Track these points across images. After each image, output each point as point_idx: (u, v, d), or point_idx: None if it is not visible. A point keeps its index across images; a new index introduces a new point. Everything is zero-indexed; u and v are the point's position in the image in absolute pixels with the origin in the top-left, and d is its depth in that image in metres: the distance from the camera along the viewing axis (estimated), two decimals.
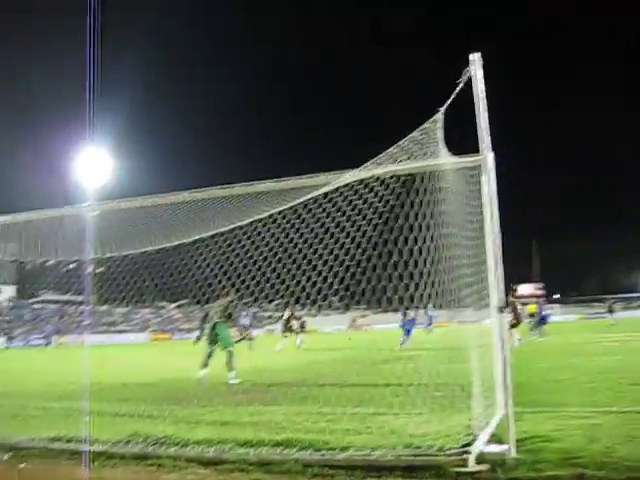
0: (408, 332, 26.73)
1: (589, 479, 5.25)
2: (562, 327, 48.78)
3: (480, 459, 5.90)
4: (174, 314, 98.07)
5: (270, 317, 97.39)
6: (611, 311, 58.30)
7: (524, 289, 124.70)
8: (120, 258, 10.73)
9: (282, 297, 9.20)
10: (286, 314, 31.59)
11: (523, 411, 8.41)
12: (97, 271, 11.95)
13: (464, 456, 5.78)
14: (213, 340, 14.70)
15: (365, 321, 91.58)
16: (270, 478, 5.88)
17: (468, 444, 6.13)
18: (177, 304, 77.88)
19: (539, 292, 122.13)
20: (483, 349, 7.34)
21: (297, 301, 9.07)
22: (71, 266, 12.40)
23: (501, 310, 6.23)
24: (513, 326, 24.67)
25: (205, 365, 14.40)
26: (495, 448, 6.17)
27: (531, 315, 48.51)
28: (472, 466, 5.71)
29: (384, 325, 63.11)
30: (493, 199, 8.66)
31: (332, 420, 8.38)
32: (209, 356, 14.62)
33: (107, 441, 7.34)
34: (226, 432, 7.78)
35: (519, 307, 28.28)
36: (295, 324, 31.81)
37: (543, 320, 33.02)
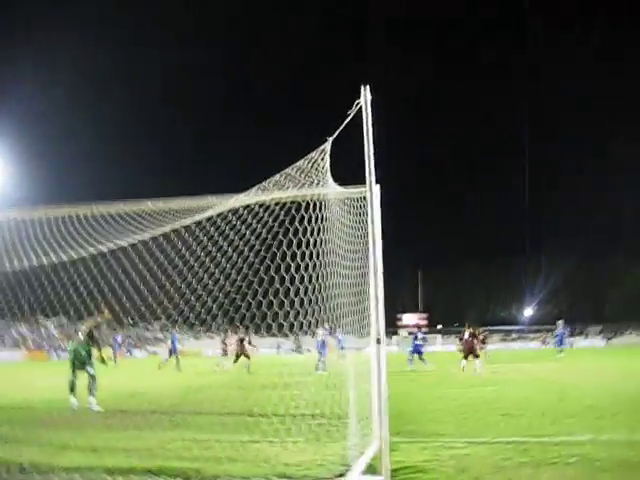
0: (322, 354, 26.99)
1: None
2: (442, 357, 49.91)
3: None
4: (53, 332, 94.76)
5: (154, 338, 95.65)
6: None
7: (409, 318, 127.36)
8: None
9: (162, 319, 9.01)
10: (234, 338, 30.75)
11: (400, 441, 8.53)
12: None
13: None
14: (76, 363, 13.79)
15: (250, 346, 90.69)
16: None
17: (342, 474, 6.12)
18: (57, 322, 75.39)
19: (423, 322, 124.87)
20: (362, 378, 7.41)
21: (176, 323, 8.91)
22: None
23: (379, 341, 6.27)
24: None
25: (72, 390, 13.62)
26: (368, 479, 6.18)
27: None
28: None
29: (268, 350, 62.58)
30: (377, 230, 8.80)
31: (207, 448, 8.23)
32: (73, 382, 13.74)
33: None
34: (96, 459, 7.52)
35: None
36: (248, 348, 30.68)
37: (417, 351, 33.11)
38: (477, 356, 26.16)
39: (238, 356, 29.86)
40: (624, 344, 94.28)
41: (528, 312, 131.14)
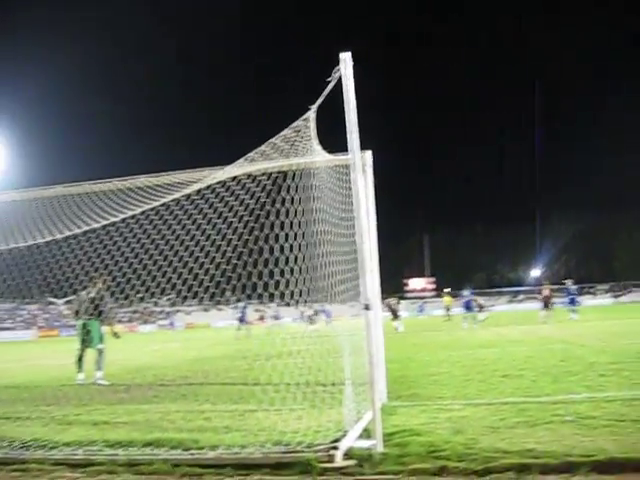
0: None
1: (451, 471, 5.36)
2: (441, 322, 50.16)
3: (349, 454, 5.96)
4: (62, 309, 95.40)
5: (162, 312, 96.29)
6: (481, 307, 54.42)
7: (415, 283, 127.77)
8: (5, 251, 10.37)
9: (164, 293, 9.06)
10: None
11: (400, 405, 8.62)
12: None
13: (332, 452, 5.81)
14: (85, 339, 13.80)
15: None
16: (139, 479, 5.75)
17: (337, 440, 6.17)
18: (66, 299, 75.72)
19: (430, 286, 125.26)
20: (359, 345, 7.45)
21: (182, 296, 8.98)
22: None
23: (367, 308, 6.28)
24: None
25: (80, 367, 13.72)
26: (363, 443, 6.23)
27: (447, 308, 51.76)
28: (339, 461, 5.75)
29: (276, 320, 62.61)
30: (369, 196, 8.79)
31: (207, 418, 8.32)
32: (80, 358, 13.82)
33: None
34: (98, 433, 7.57)
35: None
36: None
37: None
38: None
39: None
40: (632, 301, 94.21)
41: (535, 272, 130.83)
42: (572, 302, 39.81)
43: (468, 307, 37.82)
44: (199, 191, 8.13)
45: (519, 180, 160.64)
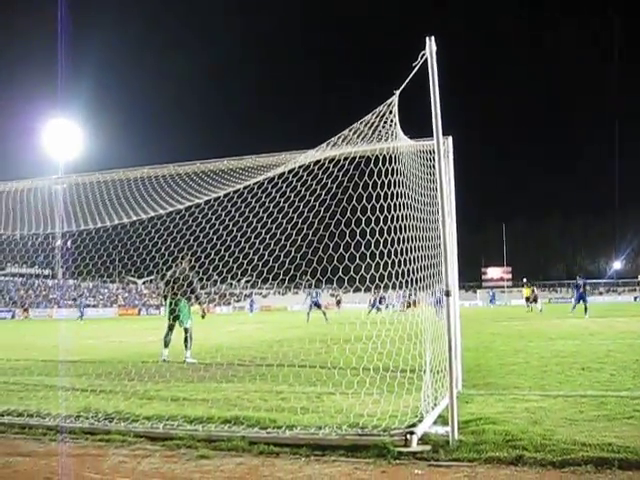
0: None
1: (527, 461, 5.33)
2: (521, 313, 49.35)
3: (424, 440, 5.99)
4: (142, 289, 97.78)
5: (239, 294, 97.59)
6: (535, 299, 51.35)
7: (493, 272, 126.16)
8: (88, 231, 10.68)
9: (244, 274, 9.20)
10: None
11: (476, 393, 8.60)
12: (65, 244, 11.86)
13: (408, 436, 5.84)
14: (174, 317, 14.11)
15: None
16: (216, 455, 5.89)
17: (413, 425, 6.20)
18: (145, 279, 77.65)
19: (507, 276, 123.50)
20: (438, 332, 7.46)
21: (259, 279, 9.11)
22: (38, 239, 12.28)
23: (448, 294, 6.27)
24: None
25: (166, 344, 14.04)
26: (439, 429, 6.25)
27: (527, 299, 50.81)
28: (414, 446, 5.78)
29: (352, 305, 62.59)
30: (450, 183, 8.74)
31: (284, 399, 8.46)
32: (168, 334, 14.14)
33: (57, 416, 7.34)
34: (178, 408, 7.80)
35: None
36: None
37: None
38: None
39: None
40: None
41: (617, 265, 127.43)
42: (581, 299, 36.63)
43: (581, 298, 36.59)
44: (282, 174, 8.23)
45: (600, 171, 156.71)
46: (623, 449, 5.47)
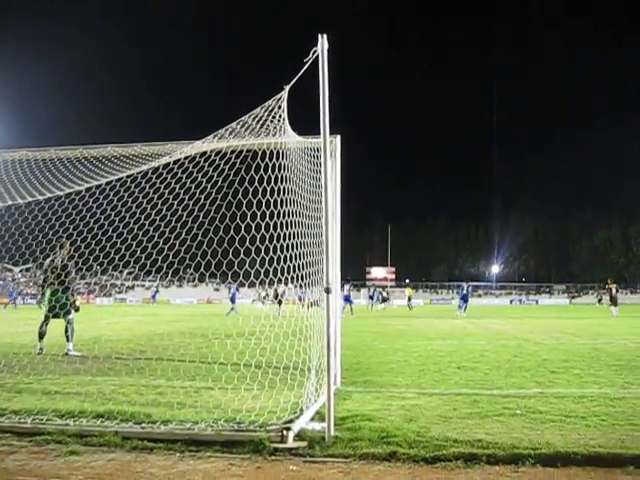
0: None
1: (400, 457, 5.44)
2: (407, 311, 50.59)
3: (301, 436, 6.01)
4: (18, 277, 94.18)
5: (121, 285, 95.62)
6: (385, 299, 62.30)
7: (377, 272, 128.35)
8: None
9: (125, 266, 8.95)
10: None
11: (354, 390, 8.70)
12: None
13: (284, 432, 5.84)
14: (52, 307, 13.32)
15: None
16: (87, 450, 5.72)
17: (291, 421, 6.22)
18: (22, 267, 74.75)
19: (391, 276, 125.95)
20: (320, 329, 7.49)
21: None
22: None
23: (328, 291, 6.30)
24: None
25: (41, 335, 13.38)
26: (316, 426, 6.29)
27: (408, 299, 54.69)
28: (290, 442, 5.79)
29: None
30: (336, 181, 8.80)
31: (161, 393, 8.33)
32: (43, 325, 13.47)
33: None
34: (48, 402, 7.53)
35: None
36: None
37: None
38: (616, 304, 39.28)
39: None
40: (587, 303, 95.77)
41: (495, 269, 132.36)
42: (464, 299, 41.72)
43: (464, 299, 41.39)
44: (167, 165, 8.07)
45: (483, 177, 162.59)
46: (492, 445, 5.69)
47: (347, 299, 40.96)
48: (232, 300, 38.02)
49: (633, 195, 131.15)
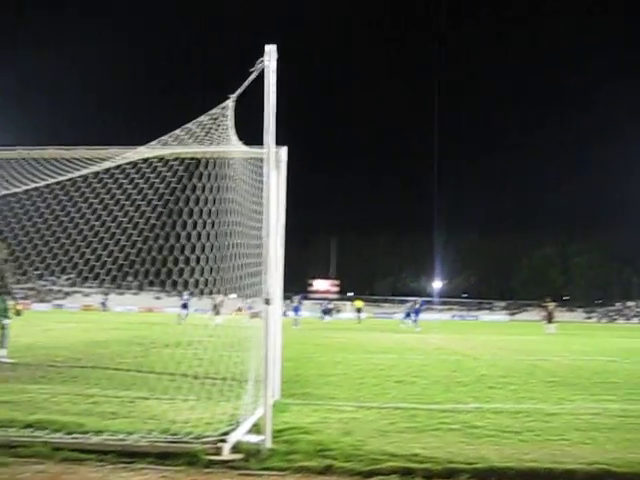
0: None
1: (336, 470, 5.42)
2: (349, 325, 50.67)
3: (237, 448, 5.94)
4: None
5: (59, 291, 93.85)
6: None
7: (320, 284, 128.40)
8: None
9: (63, 272, 8.74)
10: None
11: (292, 403, 8.64)
12: None
13: (220, 445, 5.77)
14: None
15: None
16: (15, 462, 5.54)
17: (227, 433, 6.14)
18: None
19: (334, 289, 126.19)
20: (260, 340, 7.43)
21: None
22: None
23: (267, 302, 6.26)
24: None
25: None
26: (252, 438, 6.22)
27: (358, 310, 55.31)
28: (226, 455, 5.72)
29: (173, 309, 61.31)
30: (280, 192, 8.77)
31: (95, 403, 8.16)
32: None
33: None
34: None
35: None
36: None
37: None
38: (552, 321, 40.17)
39: None
40: (526, 320, 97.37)
41: (437, 284, 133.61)
42: (409, 315, 45.40)
43: (416, 313, 44.33)
44: (108, 170, 7.92)
45: (427, 194, 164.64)
46: (428, 459, 5.71)
47: (296, 310, 41.89)
48: (185, 307, 38.11)
49: (572, 214, 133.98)
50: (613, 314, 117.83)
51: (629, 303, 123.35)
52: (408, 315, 45.48)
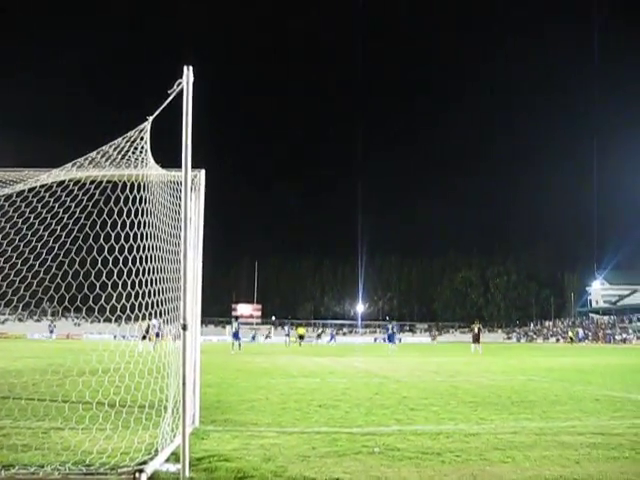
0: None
1: None
2: (273, 349, 50.47)
3: (155, 478, 5.81)
4: None
5: None
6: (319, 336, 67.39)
7: (243, 309, 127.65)
8: None
9: None
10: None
11: (213, 429, 8.52)
12: None
13: (136, 475, 5.63)
14: None
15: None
16: None
17: (144, 462, 6.00)
18: None
19: (257, 313, 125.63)
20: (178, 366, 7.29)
21: None
22: None
23: (185, 328, 6.16)
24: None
25: None
26: (171, 467, 6.11)
27: (300, 337, 56.89)
28: None
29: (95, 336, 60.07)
30: (199, 216, 8.69)
31: (5, 435, 7.85)
32: None
33: None
34: None
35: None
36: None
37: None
38: (478, 342, 43.43)
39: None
40: (447, 341, 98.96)
41: (360, 308, 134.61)
42: (390, 339, 47.43)
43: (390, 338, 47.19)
44: (21, 192, 7.70)
45: (349, 218, 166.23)
46: None
47: (236, 336, 42.19)
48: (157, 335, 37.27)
49: (492, 238, 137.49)
50: (532, 334, 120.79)
51: (547, 323, 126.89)
52: (390, 339, 47.65)
